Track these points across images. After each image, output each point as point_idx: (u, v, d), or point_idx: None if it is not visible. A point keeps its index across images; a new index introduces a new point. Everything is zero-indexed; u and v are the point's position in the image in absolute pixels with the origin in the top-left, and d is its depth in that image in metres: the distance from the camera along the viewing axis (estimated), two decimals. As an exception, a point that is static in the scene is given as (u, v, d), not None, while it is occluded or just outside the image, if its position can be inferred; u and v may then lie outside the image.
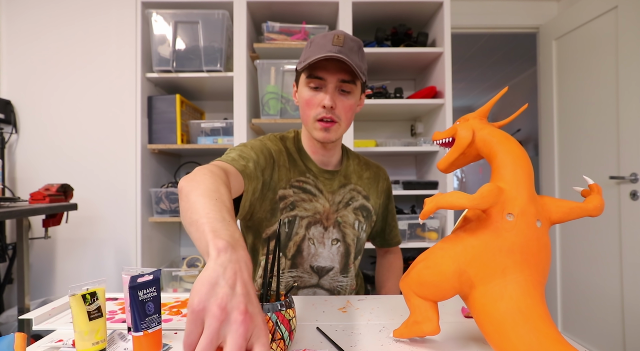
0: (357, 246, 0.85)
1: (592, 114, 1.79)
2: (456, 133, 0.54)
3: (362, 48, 0.76)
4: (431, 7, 1.69)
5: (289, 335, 0.51)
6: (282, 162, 0.79)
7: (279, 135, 0.86)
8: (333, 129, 0.75)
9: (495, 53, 3.28)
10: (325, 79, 0.73)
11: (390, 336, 0.58)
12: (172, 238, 1.88)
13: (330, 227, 0.81)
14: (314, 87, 0.74)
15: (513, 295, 0.43)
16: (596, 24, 1.75)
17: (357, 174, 0.87)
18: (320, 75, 0.73)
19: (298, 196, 0.80)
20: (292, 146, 0.83)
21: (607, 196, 1.70)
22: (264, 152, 0.75)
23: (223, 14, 1.55)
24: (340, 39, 0.71)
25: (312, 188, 0.81)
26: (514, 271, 0.44)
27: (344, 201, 0.83)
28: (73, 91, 1.71)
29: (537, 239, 0.46)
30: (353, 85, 0.75)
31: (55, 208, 1.35)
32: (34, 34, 1.70)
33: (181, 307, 0.72)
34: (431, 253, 0.51)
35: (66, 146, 1.70)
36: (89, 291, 0.52)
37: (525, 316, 0.42)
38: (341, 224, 0.82)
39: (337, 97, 0.74)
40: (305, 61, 0.72)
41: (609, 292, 1.69)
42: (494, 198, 0.45)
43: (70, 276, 1.70)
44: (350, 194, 0.84)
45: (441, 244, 0.51)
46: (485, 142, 0.51)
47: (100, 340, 0.52)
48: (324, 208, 0.81)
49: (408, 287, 0.52)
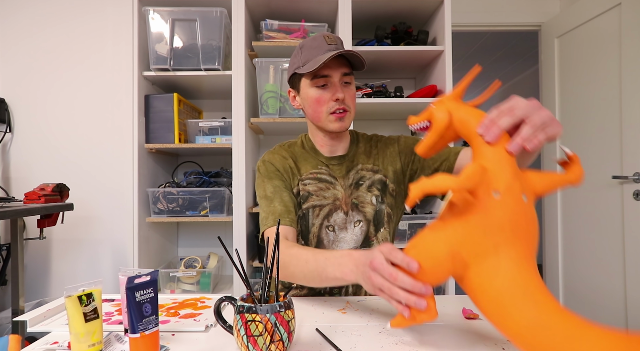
0: (376, 218, 0.86)
1: (595, 113, 1.79)
2: (432, 116, 0.53)
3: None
4: (432, 4, 1.69)
5: (288, 336, 0.50)
6: (290, 168, 0.87)
7: (287, 143, 0.93)
8: (346, 118, 0.83)
9: (496, 51, 3.28)
10: (330, 76, 0.80)
11: (390, 336, 0.57)
12: (169, 239, 1.86)
13: (350, 211, 0.85)
14: (322, 85, 0.81)
15: (508, 270, 0.44)
16: (599, 22, 1.75)
17: (366, 154, 0.91)
18: (325, 73, 0.80)
19: (316, 185, 0.85)
20: (301, 148, 0.91)
21: (610, 196, 1.70)
22: (279, 178, 0.86)
23: (221, 11, 1.53)
24: (332, 39, 0.80)
25: (327, 176, 0.87)
26: (506, 247, 0.45)
27: (354, 183, 0.87)
28: (69, 89, 1.69)
29: (525, 213, 0.46)
30: (352, 76, 0.84)
31: (51, 208, 1.33)
32: (29, 32, 1.68)
33: (179, 308, 0.71)
34: (421, 239, 0.50)
35: (62, 146, 1.68)
36: (85, 292, 0.51)
37: (523, 290, 0.42)
38: (358, 205, 0.85)
39: (343, 89, 0.82)
40: (307, 64, 0.79)
41: (612, 292, 1.69)
42: (479, 177, 0.45)
43: (66, 277, 1.68)
44: (359, 175, 0.87)
45: (429, 229, 0.50)
46: (463, 123, 0.51)
47: (97, 341, 0.51)
48: (342, 194, 0.86)
49: None
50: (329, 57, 0.75)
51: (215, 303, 0.56)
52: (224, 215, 1.58)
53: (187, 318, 0.66)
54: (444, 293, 1.61)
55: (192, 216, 1.58)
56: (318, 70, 0.78)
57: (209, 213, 1.58)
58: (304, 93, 0.84)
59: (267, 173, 0.86)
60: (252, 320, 0.48)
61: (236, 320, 0.50)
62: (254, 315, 0.48)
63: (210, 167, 1.82)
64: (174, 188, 1.62)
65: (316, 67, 0.76)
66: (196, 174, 1.70)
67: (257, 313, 0.48)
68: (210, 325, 0.63)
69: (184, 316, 0.67)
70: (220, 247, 1.76)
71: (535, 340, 0.40)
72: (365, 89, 1.69)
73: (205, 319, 0.65)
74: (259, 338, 0.48)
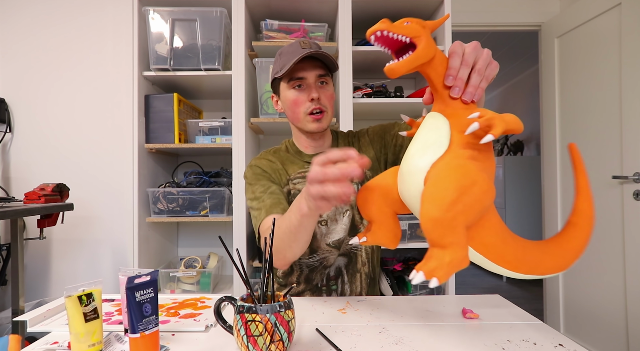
0: None
1: (595, 113, 1.79)
2: (416, 39, 0.46)
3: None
4: (432, 4, 1.69)
5: (288, 336, 0.50)
6: (278, 169, 0.89)
7: (272, 149, 0.95)
8: (323, 119, 0.85)
9: (496, 51, 3.28)
10: (305, 78, 0.83)
11: (390, 336, 0.57)
12: (169, 239, 1.86)
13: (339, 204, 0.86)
14: (298, 87, 0.84)
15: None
16: (599, 22, 1.75)
17: (347, 145, 0.94)
18: (300, 75, 0.83)
19: (305, 183, 0.85)
20: (286, 152, 0.93)
21: (610, 196, 1.70)
22: (267, 178, 0.86)
23: (221, 11, 1.53)
24: (306, 43, 0.83)
25: None
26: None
27: None
28: (69, 89, 1.69)
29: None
30: (328, 77, 0.86)
31: (51, 208, 1.33)
32: (29, 32, 1.68)
33: (179, 308, 0.71)
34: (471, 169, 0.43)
35: (62, 145, 1.68)
36: (85, 292, 0.51)
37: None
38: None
39: (319, 90, 0.84)
40: (283, 68, 0.82)
41: (612, 293, 1.68)
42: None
43: (66, 277, 1.68)
44: None
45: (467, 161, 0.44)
46: (441, 66, 0.49)
47: (97, 341, 0.51)
48: None
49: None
50: (298, 58, 0.78)
51: (215, 303, 0.56)
52: (224, 215, 1.58)
53: (187, 318, 0.66)
54: (444, 293, 1.61)
55: (192, 216, 1.58)
56: (293, 72, 0.82)
57: (209, 213, 1.58)
58: (283, 96, 0.87)
59: (254, 176, 0.87)
60: (252, 320, 0.48)
61: (236, 320, 0.50)
62: (254, 315, 0.48)
63: (210, 167, 1.82)
64: (174, 188, 1.62)
65: (288, 68, 0.79)
66: (196, 174, 1.70)
67: (257, 313, 0.48)
68: (210, 325, 0.63)
69: (184, 316, 0.67)
70: (221, 247, 1.76)
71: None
72: (366, 89, 1.69)
73: (205, 319, 0.65)
74: (259, 338, 0.48)
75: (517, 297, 2.94)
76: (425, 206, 0.41)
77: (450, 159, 0.45)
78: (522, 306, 2.03)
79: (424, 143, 0.49)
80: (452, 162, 0.44)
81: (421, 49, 0.46)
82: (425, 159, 0.47)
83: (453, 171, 0.42)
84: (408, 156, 0.50)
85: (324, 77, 0.84)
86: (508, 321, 0.65)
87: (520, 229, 3.34)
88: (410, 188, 0.49)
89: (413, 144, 0.51)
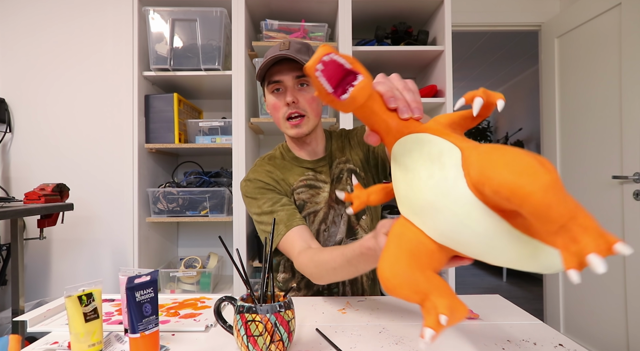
0: None
1: (595, 113, 1.79)
2: (356, 65, 0.41)
3: (310, 48, 0.83)
4: (432, 4, 1.69)
5: (288, 336, 0.50)
6: (279, 180, 0.86)
7: (267, 156, 0.91)
8: (303, 124, 0.81)
9: (496, 51, 3.28)
10: (282, 81, 0.79)
11: (390, 336, 0.57)
12: (169, 239, 1.86)
13: (336, 205, 0.86)
14: (276, 91, 0.81)
15: None
16: (599, 22, 1.75)
17: (339, 149, 0.92)
18: (276, 78, 0.79)
19: (308, 193, 0.86)
20: (282, 159, 0.90)
21: (610, 196, 1.69)
22: (273, 191, 0.83)
23: (221, 11, 1.53)
24: (285, 45, 0.79)
25: (315, 181, 0.87)
26: None
27: (336, 178, 0.88)
28: (69, 89, 1.69)
29: None
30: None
31: (51, 208, 1.33)
32: (29, 32, 1.68)
33: (179, 308, 0.71)
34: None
35: (62, 145, 1.68)
36: (85, 292, 0.51)
37: None
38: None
39: (297, 93, 0.80)
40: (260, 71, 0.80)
41: (612, 292, 1.68)
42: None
43: (66, 277, 1.68)
44: (338, 169, 0.88)
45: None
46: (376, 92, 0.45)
47: (97, 341, 0.51)
48: (329, 194, 0.86)
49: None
50: (267, 60, 0.76)
51: (215, 303, 0.56)
52: (224, 215, 1.58)
53: (187, 318, 0.66)
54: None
55: (192, 216, 1.58)
56: (271, 75, 0.79)
57: (209, 213, 1.58)
58: (266, 100, 0.85)
59: (257, 190, 0.83)
60: (252, 320, 0.48)
61: (236, 320, 0.50)
62: (254, 315, 0.48)
63: (210, 167, 1.82)
64: (174, 188, 1.62)
65: (260, 71, 0.77)
66: (196, 174, 1.70)
67: (257, 313, 0.48)
68: (210, 325, 0.63)
69: (184, 316, 0.67)
70: (221, 247, 1.76)
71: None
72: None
73: (205, 319, 0.65)
74: (259, 338, 0.48)
75: (517, 297, 2.94)
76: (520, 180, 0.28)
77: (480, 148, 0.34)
78: (522, 306, 2.03)
79: (428, 159, 0.39)
80: (485, 147, 0.34)
81: (366, 72, 0.41)
82: (449, 167, 0.36)
83: (502, 147, 0.32)
84: (421, 184, 0.39)
85: (303, 78, 0.79)
86: (508, 321, 0.64)
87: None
88: (453, 210, 0.35)
89: (413, 172, 0.40)
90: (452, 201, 0.35)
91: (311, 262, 0.68)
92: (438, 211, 0.36)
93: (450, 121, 0.45)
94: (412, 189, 0.40)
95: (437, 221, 0.37)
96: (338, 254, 0.63)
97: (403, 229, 0.43)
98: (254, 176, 0.86)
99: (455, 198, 0.34)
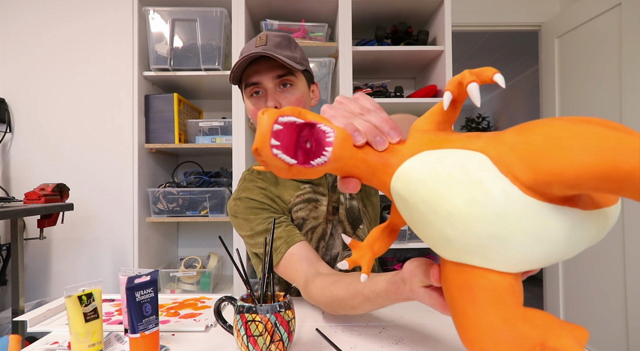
0: (350, 216, 0.80)
1: (595, 113, 1.79)
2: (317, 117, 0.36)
3: (292, 40, 0.72)
4: (432, 4, 1.69)
5: (288, 336, 0.50)
6: (274, 197, 0.76)
7: (255, 171, 0.81)
8: None
9: (496, 51, 3.28)
10: (261, 83, 0.69)
11: (390, 336, 0.57)
12: (169, 239, 1.86)
13: (332, 217, 0.79)
14: (255, 94, 0.71)
15: None
16: (599, 22, 1.75)
17: None
18: (254, 80, 0.69)
19: (306, 209, 0.76)
20: (272, 174, 0.79)
21: (607, 195, 1.69)
22: (268, 210, 0.73)
23: (221, 11, 1.53)
24: (262, 39, 0.68)
25: (312, 194, 0.78)
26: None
27: (331, 188, 0.80)
28: (69, 89, 1.69)
29: None
30: (292, 77, 0.70)
31: (51, 208, 1.33)
32: (29, 32, 1.68)
33: (179, 308, 0.71)
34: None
35: (62, 145, 1.68)
36: (85, 292, 0.51)
37: None
38: (338, 207, 0.80)
39: (279, 96, 0.70)
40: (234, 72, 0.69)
41: (612, 292, 1.68)
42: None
43: (66, 277, 1.68)
44: (333, 177, 0.81)
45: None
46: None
47: (97, 341, 0.51)
48: (326, 206, 0.78)
49: None
50: (240, 61, 0.66)
51: (215, 303, 0.56)
52: (224, 215, 1.58)
53: (187, 318, 0.66)
54: (444, 293, 1.61)
55: (192, 216, 1.58)
56: (247, 77, 0.69)
57: (209, 213, 1.58)
58: (245, 105, 0.74)
59: (250, 210, 0.72)
60: (252, 320, 0.48)
61: (236, 320, 0.50)
62: (254, 315, 0.48)
63: (210, 167, 1.82)
64: (174, 188, 1.62)
65: (232, 73, 0.68)
66: (196, 174, 1.70)
67: (257, 313, 0.48)
68: (210, 325, 0.63)
69: (184, 316, 0.67)
70: (221, 247, 1.76)
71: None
72: (366, 89, 1.69)
73: (205, 319, 0.65)
74: (259, 338, 0.48)
75: (517, 297, 2.94)
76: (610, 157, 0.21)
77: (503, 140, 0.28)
78: (522, 306, 2.03)
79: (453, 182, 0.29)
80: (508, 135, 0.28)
81: (322, 117, 0.35)
82: (487, 181, 0.27)
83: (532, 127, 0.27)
84: (465, 217, 0.28)
85: (285, 77, 0.69)
86: (508, 321, 0.64)
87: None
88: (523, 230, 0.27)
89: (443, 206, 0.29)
90: (516, 219, 0.27)
91: (323, 297, 0.59)
92: (503, 239, 0.28)
93: (434, 123, 0.37)
94: (454, 228, 0.30)
95: (506, 251, 0.29)
96: (355, 293, 0.53)
97: (464, 279, 0.33)
98: (245, 195, 0.75)
99: (517, 214, 0.27)
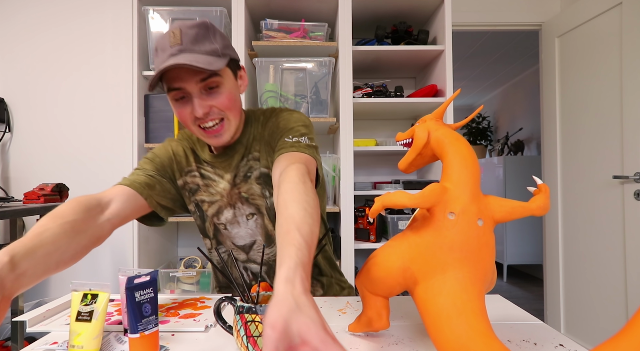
0: (271, 213, 0.78)
1: (596, 113, 1.79)
2: (414, 134, 0.55)
3: (210, 27, 0.66)
4: (432, 4, 1.68)
5: (290, 337, 0.50)
6: (179, 157, 0.80)
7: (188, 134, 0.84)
8: (224, 130, 0.70)
9: (497, 51, 3.28)
10: (184, 88, 0.65)
11: (391, 336, 0.57)
12: (169, 239, 1.86)
13: (239, 204, 0.78)
14: (180, 98, 0.67)
15: (450, 290, 0.45)
16: (600, 21, 1.75)
17: (259, 138, 0.78)
18: (176, 86, 0.65)
19: (201, 180, 0.80)
20: (197, 138, 0.82)
21: (611, 196, 1.69)
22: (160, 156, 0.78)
23: (221, 11, 1.53)
24: (176, 37, 0.62)
25: (211, 174, 0.79)
26: (454, 268, 0.46)
27: (241, 175, 0.77)
28: (68, 89, 1.69)
29: (478, 237, 0.47)
30: (218, 77, 0.66)
31: (50, 207, 1.33)
32: (29, 32, 1.68)
33: (178, 308, 0.71)
34: (380, 251, 0.53)
35: (61, 145, 1.68)
36: (91, 292, 0.51)
37: (459, 311, 0.43)
38: (249, 198, 0.78)
39: (207, 99, 0.66)
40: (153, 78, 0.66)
41: (613, 292, 1.68)
42: (435, 197, 0.47)
43: (66, 277, 1.68)
44: (248, 165, 0.77)
45: (390, 242, 0.53)
46: (439, 143, 0.53)
47: (78, 345, 0.50)
48: (225, 190, 0.78)
49: (361, 284, 0.55)
50: (159, 71, 0.61)
51: (215, 303, 0.55)
52: (224, 215, 1.58)
53: (187, 318, 0.66)
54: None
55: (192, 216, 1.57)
56: (169, 81, 0.65)
57: (208, 213, 1.58)
58: (172, 107, 0.70)
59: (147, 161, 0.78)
60: (252, 320, 0.48)
61: (236, 320, 0.49)
62: (253, 316, 0.48)
63: (210, 167, 1.82)
64: (173, 187, 1.61)
65: (151, 80, 0.63)
66: (196, 174, 1.70)
67: (257, 313, 0.48)
68: (210, 325, 0.63)
69: (183, 316, 0.67)
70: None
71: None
72: (366, 89, 1.69)
73: (205, 319, 0.65)
74: (258, 339, 0.48)
75: (517, 297, 2.94)
76: None
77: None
78: (523, 306, 2.03)
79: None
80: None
81: (414, 141, 0.55)
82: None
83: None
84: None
85: (210, 79, 0.65)
86: (508, 321, 0.64)
87: (520, 230, 3.34)
88: None
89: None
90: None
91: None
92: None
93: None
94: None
95: None
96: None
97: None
98: (163, 145, 0.81)
99: None
